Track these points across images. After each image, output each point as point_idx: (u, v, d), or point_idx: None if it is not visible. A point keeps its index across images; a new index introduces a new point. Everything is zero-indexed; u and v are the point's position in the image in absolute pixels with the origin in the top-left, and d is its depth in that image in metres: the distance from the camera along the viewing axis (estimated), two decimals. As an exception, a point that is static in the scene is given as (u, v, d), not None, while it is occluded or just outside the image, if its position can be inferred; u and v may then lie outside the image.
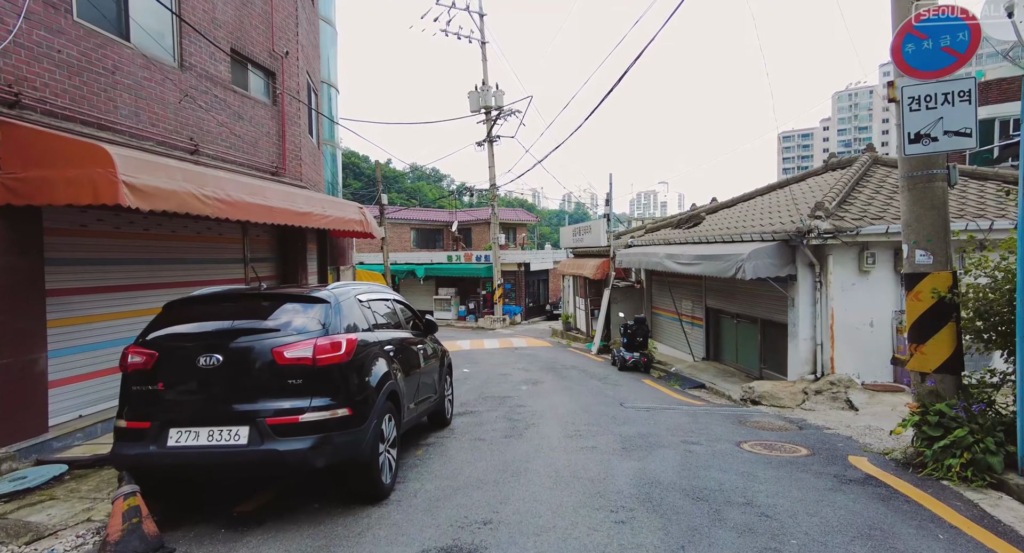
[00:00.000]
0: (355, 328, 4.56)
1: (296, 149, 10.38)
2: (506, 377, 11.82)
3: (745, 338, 11.81)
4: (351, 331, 4.43)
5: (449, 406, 7.46)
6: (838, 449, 6.06)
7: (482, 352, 17.03)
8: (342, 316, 4.43)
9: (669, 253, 12.25)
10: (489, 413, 8.15)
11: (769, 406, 8.86)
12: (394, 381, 4.84)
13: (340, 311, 4.43)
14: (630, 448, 6.11)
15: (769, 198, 13.81)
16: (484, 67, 25.88)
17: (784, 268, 9.31)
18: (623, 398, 9.60)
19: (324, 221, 8.65)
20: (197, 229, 7.88)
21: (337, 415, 3.98)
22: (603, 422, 7.50)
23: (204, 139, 7.80)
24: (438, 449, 6.13)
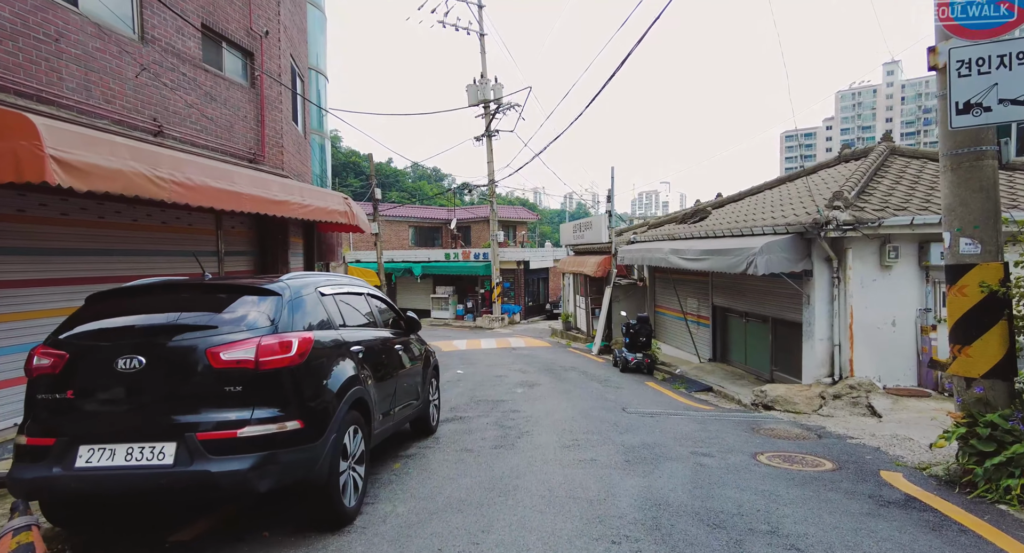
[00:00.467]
0: (315, 326, 3.91)
1: (277, 136, 9.75)
2: (501, 379, 11.17)
3: (755, 338, 11.15)
4: (309, 329, 3.79)
5: (435, 412, 6.81)
6: (867, 463, 5.40)
7: (478, 352, 16.39)
8: (298, 311, 3.78)
9: (674, 249, 11.59)
10: (480, 419, 7.50)
11: (783, 411, 8.20)
12: (362, 387, 4.20)
13: (295, 306, 3.78)
14: (634, 461, 5.46)
15: (779, 191, 13.14)
16: (483, 60, 25.24)
17: (799, 263, 8.65)
18: (625, 402, 8.95)
19: (303, 211, 8.01)
20: (163, 218, 7.24)
21: (286, 429, 3.33)
22: (604, 430, 6.85)
23: (170, 120, 7.16)
24: (418, 462, 5.48)
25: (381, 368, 4.87)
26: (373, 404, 4.45)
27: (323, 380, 3.72)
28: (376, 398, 4.58)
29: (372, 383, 4.53)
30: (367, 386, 4.35)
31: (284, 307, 3.68)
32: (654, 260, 12.65)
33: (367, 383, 4.37)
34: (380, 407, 4.69)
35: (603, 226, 17.69)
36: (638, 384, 10.96)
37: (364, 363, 4.41)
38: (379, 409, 4.65)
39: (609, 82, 11.09)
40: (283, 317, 3.63)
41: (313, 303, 4.02)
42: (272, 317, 3.59)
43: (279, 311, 3.63)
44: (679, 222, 15.25)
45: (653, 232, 15.38)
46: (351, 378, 4.03)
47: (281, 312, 3.64)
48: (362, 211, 11.86)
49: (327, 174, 14.14)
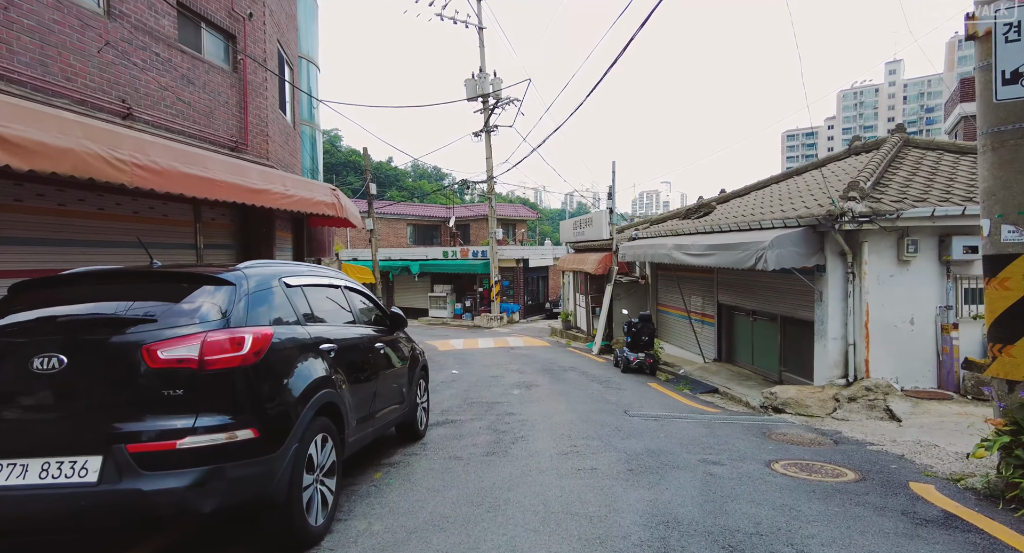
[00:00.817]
0: (277, 320, 3.44)
1: (261, 123, 9.28)
2: (497, 380, 10.70)
3: (763, 337, 10.68)
4: (269, 324, 3.32)
5: (423, 415, 6.34)
6: (892, 472, 4.93)
7: (475, 352, 15.92)
8: (256, 304, 3.31)
9: (678, 244, 11.12)
10: (472, 423, 7.03)
11: (795, 415, 7.73)
12: (333, 390, 3.73)
13: (253, 297, 3.31)
14: (638, 470, 4.99)
15: (787, 185, 12.67)
16: (481, 53, 24.78)
17: (811, 257, 8.18)
18: (627, 404, 8.48)
19: (286, 201, 7.54)
20: (134, 207, 6.78)
21: (236, 439, 2.86)
22: (605, 435, 6.38)
23: (141, 103, 6.70)
24: (402, 471, 5.01)
25: (358, 369, 4.40)
26: (347, 409, 3.98)
27: (284, 382, 3.25)
28: (351, 402, 4.11)
29: (347, 385, 4.06)
30: (340, 389, 3.88)
31: (239, 299, 3.21)
32: (657, 256, 12.18)
33: (340, 386, 3.90)
34: (356, 412, 4.22)
35: (604, 222, 17.22)
36: (640, 385, 10.49)
37: (337, 363, 3.94)
38: (355, 414, 4.18)
39: (609, 70, 10.65)
40: (237, 310, 3.16)
41: (275, 295, 3.55)
42: (224, 310, 3.12)
43: (233, 303, 3.16)
44: (682, 218, 14.78)
45: (655, 228, 14.91)
46: (319, 380, 3.56)
47: (235, 304, 3.17)
48: (353, 205, 11.39)
49: (319, 167, 13.69)
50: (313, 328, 3.81)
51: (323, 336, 3.87)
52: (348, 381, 4.11)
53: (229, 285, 3.23)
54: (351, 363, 4.27)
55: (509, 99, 24.09)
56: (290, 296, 3.70)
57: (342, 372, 4.02)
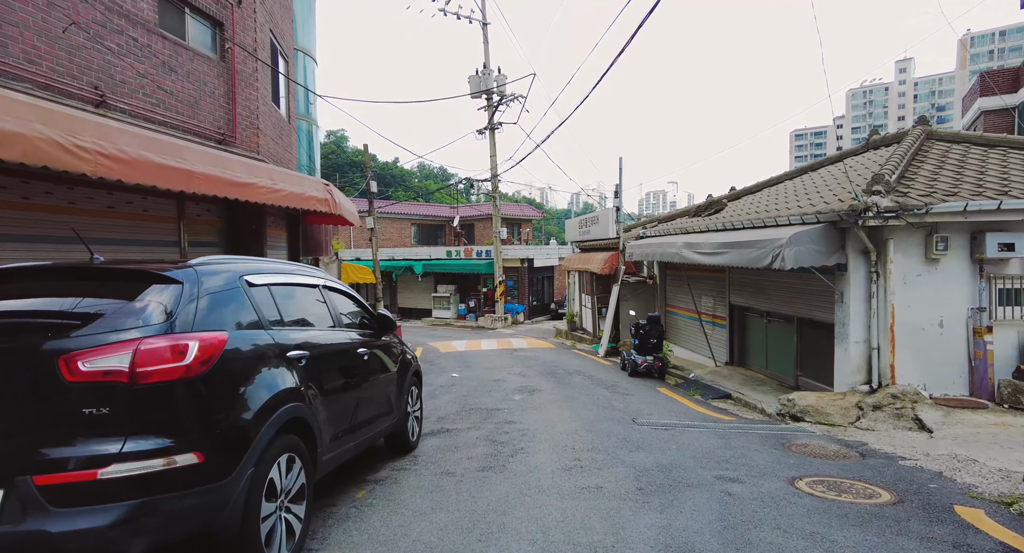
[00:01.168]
0: (236, 324, 3.00)
1: (251, 116, 8.86)
2: (499, 384, 10.24)
3: (778, 340, 10.16)
4: (225, 328, 2.87)
5: (415, 425, 5.89)
6: (932, 493, 4.43)
7: (477, 354, 15.46)
8: (209, 305, 2.87)
9: (688, 242, 10.62)
10: (469, 432, 6.57)
11: (814, 423, 7.23)
12: (302, 404, 3.28)
13: (205, 298, 2.87)
14: (649, 489, 4.51)
15: (801, 181, 12.13)
16: (485, 49, 24.33)
17: (832, 256, 7.67)
18: (635, 411, 8.00)
19: (274, 196, 7.12)
20: (109, 202, 6.37)
21: (175, 465, 2.42)
22: (611, 447, 5.90)
23: (117, 90, 6.29)
24: (387, 489, 4.55)
25: (336, 377, 3.96)
26: (320, 424, 3.53)
27: (239, 396, 2.80)
28: (326, 416, 3.66)
29: (321, 397, 3.61)
30: (311, 402, 3.43)
31: (188, 299, 2.77)
32: (666, 255, 11.68)
33: (312, 398, 3.45)
34: (332, 427, 3.77)
35: (610, 220, 16.72)
36: (649, 390, 10.00)
37: (310, 372, 3.49)
38: (331, 429, 3.73)
39: (615, 62, 10.15)
40: (185, 312, 2.71)
41: (234, 295, 3.10)
42: (169, 312, 2.68)
43: (180, 304, 2.72)
44: (692, 215, 14.27)
45: (664, 226, 14.40)
46: (285, 392, 3.12)
47: (183, 306, 2.73)
48: (349, 202, 10.98)
49: (316, 164, 13.28)
50: (281, 333, 3.37)
51: (293, 342, 3.42)
52: (323, 392, 3.66)
53: (176, 284, 2.79)
54: (328, 371, 3.82)
55: (514, 95, 23.64)
56: (253, 296, 3.26)
57: (316, 382, 3.57)
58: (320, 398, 3.60)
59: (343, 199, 10.14)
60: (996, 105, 17.22)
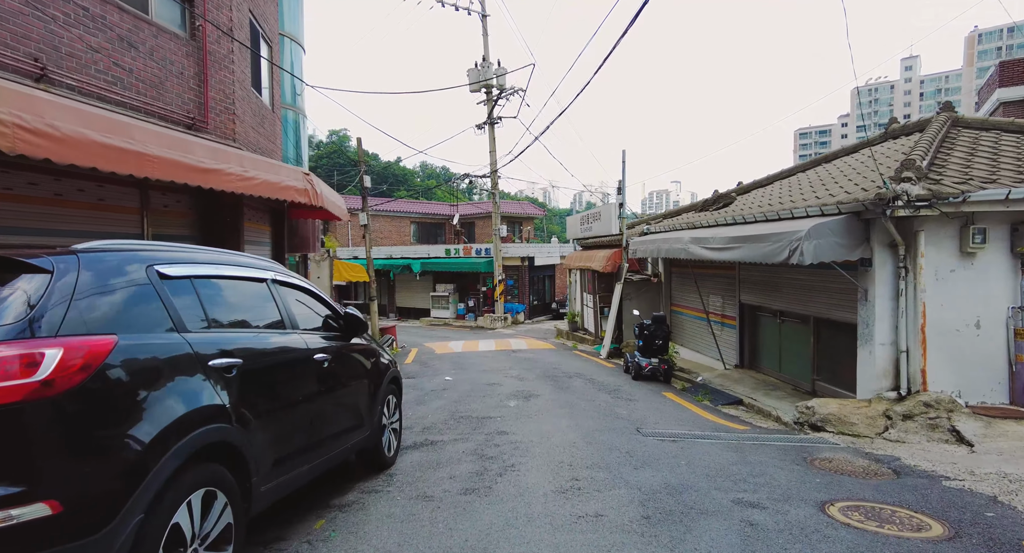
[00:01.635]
0: (133, 325, 2.36)
1: (226, 100, 8.23)
2: (494, 388, 9.59)
3: (793, 341, 9.49)
4: (113, 331, 2.23)
5: (392, 439, 5.24)
6: (992, 525, 3.77)
7: (474, 355, 14.82)
8: (93, 302, 2.23)
9: (696, 237, 9.95)
10: (456, 445, 5.92)
11: (837, 434, 6.57)
12: (228, 425, 2.65)
13: (88, 292, 2.23)
14: (656, 518, 3.86)
15: (815, 173, 11.45)
16: (485, 42, 23.70)
17: (855, 250, 7.00)
18: (640, 419, 7.34)
19: (245, 184, 6.48)
20: (57, 189, 5.74)
21: (18, 520, 1.78)
22: (613, 462, 5.25)
23: (62, 65, 5.66)
24: (351, 518, 3.90)
25: (284, 389, 3.32)
26: (257, 448, 2.89)
27: (127, 419, 2.17)
28: (269, 437, 3.03)
29: (261, 414, 2.97)
30: (245, 421, 2.79)
31: (59, 293, 2.13)
32: (672, 251, 11.01)
33: (246, 416, 2.81)
34: (277, 449, 3.13)
35: (613, 216, 16.06)
36: (654, 395, 9.34)
37: (244, 385, 2.85)
38: (274, 453, 3.09)
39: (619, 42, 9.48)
40: (53, 311, 2.08)
41: (134, 289, 2.46)
42: (32, 308, 2.04)
43: (46, 300, 2.08)
44: (699, 210, 13.60)
45: (669, 222, 13.74)
46: (201, 411, 2.48)
47: (50, 302, 2.09)
48: (335, 194, 10.34)
49: (304, 156, 12.63)
50: (204, 337, 2.73)
51: (220, 348, 2.78)
52: (264, 408, 3.02)
53: (43, 273, 2.15)
54: (272, 382, 3.18)
55: (513, 89, 22.99)
56: (165, 291, 2.61)
57: (253, 396, 2.94)
58: (260, 415, 2.96)
59: (327, 191, 9.49)
60: (1016, 96, 16.49)
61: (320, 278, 16.06)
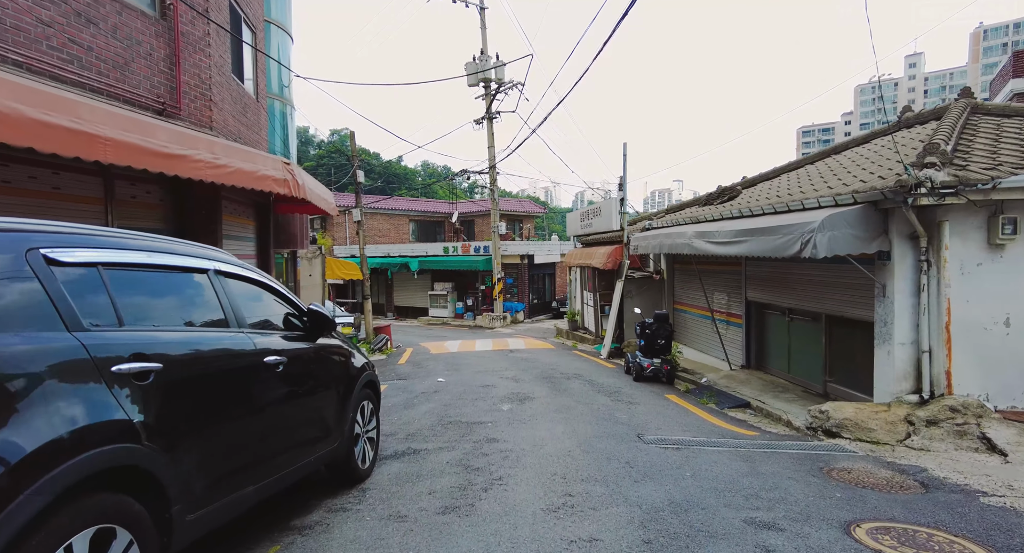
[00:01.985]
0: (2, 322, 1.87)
1: (201, 86, 7.75)
2: (487, 391, 9.10)
3: (803, 341, 8.99)
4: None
5: (368, 449, 4.76)
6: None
7: (470, 356, 14.33)
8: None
9: (700, 231, 9.46)
10: (440, 454, 5.44)
11: (854, 441, 6.08)
12: (138, 445, 2.18)
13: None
14: (659, 543, 3.37)
15: (825, 164, 10.94)
16: (483, 35, 23.20)
17: (872, 242, 6.50)
18: (641, 425, 6.85)
19: (214, 172, 5.99)
20: (3, 176, 5.26)
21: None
22: (612, 474, 4.76)
23: (6, 38, 5.19)
24: (311, 543, 3.42)
25: (222, 398, 2.84)
26: (182, 470, 2.41)
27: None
28: (198, 456, 2.55)
29: (188, 429, 2.49)
30: (160, 439, 2.31)
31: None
32: (675, 247, 10.52)
33: (162, 432, 2.33)
34: (211, 470, 2.65)
35: (614, 211, 15.57)
36: (656, 398, 8.85)
37: (164, 394, 2.37)
38: (207, 475, 2.61)
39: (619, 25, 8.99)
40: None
41: (5, 280, 1.97)
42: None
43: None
44: (703, 204, 13.10)
45: (672, 216, 13.24)
46: (94, 429, 2.00)
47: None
48: (321, 186, 9.86)
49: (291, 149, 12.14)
50: (108, 336, 2.25)
51: (134, 349, 2.30)
52: (194, 420, 2.55)
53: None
54: (206, 390, 2.70)
55: (512, 83, 22.50)
56: (51, 280, 2.13)
57: (178, 407, 2.46)
58: (188, 431, 2.49)
59: (312, 183, 9.03)
60: (1031, 86, 15.97)
61: (312, 276, 15.60)
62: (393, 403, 8.17)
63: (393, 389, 9.51)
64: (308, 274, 15.46)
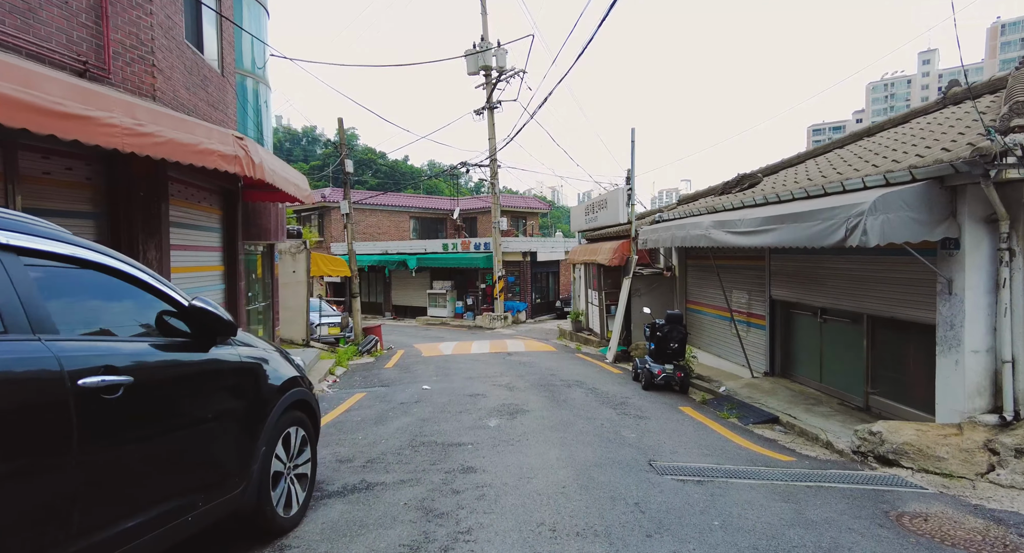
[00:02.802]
0: None
1: (139, 47, 6.68)
2: (475, 401, 7.97)
3: (838, 345, 7.80)
4: None
5: (297, 490, 3.64)
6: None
7: (464, 358, 13.21)
8: None
9: (719, 220, 8.28)
10: (399, 490, 4.31)
11: (918, 471, 4.91)
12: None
13: None
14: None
15: (859, 146, 9.72)
16: (484, 21, 22.09)
17: (936, 227, 5.33)
18: (653, 446, 5.71)
19: (134, 141, 4.88)
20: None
21: None
22: (617, 525, 3.62)
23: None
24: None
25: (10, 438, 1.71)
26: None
27: None
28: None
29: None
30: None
31: None
32: (689, 239, 9.33)
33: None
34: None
35: (621, 203, 14.39)
36: (669, 410, 7.68)
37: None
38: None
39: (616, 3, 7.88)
40: None
41: None
42: None
43: None
44: (719, 194, 11.90)
45: (686, 207, 12.06)
46: None
47: None
48: (288, 168, 8.75)
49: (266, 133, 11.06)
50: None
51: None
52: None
53: None
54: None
55: (514, 70, 21.37)
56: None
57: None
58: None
59: (276, 164, 7.92)
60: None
61: (296, 272, 14.52)
62: (363, 417, 7.06)
63: (370, 399, 8.40)
64: (291, 270, 14.39)
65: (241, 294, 9.81)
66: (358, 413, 7.30)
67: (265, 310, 11.90)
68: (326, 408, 7.75)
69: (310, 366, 11.06)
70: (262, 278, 11.79)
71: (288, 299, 14.18)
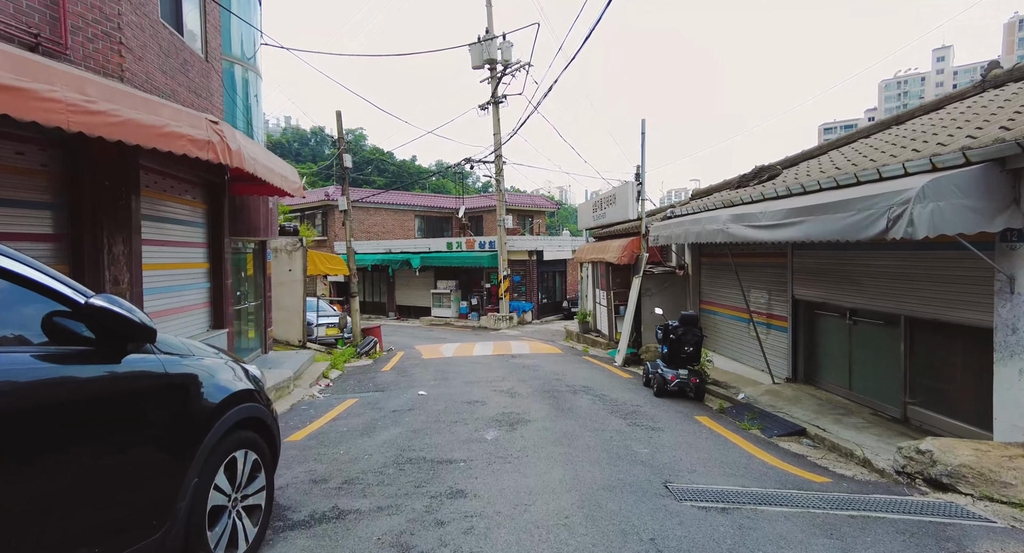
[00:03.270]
0: None
1: (104, 21, 6.12)
2: (473, 409, 7.35)
3: (871, 350, 7.12)
4: None
5: (243, 527, 3.03)
6: None
7: (465, 361, 12.59)
8: None
9: (738, 214, 7.62)
10: (375, 520, 3.69)
11: (979, 498, 4.24)
12: None
13: None
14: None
15: (892, 133, 9.02)
16: (488, 12, 21.49)
17: (996, 216, 4.66)
18: (669, 464, 5.06)
19: (85, 120, 4.31)
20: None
21: None
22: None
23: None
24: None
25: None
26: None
27: None
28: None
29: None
30: None
31: None
32: (705, 234, 8.67)
33: None
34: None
35: (630, 198, 13.73)
36: (684, 420, 7.03)
37: None
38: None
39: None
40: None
41: None
42: None
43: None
44: (735, 187, 11.23)
45: (699, 202, 11.38)
46: None
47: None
48: (280, 162, 8.17)
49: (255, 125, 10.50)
50: None
51: None
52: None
53: None
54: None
55: (519, 64, 20.77)
56: None
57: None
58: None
59: (259, 152, 7.34)
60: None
61: (292, 270, 13.97)
62: (349, 427, 6.46)
63: (361, 406, 7.80)
64: (287, 269, 13.84)
65: (228, 293, 9.25)
66: (345, 422, 6.71)
67: (256, 310, 11.35)
68: (312, 416, 7.17)
69: (303, 369, 10.48)
70: (253, 277, 11.24)
71: (283, 298, 13.63)
